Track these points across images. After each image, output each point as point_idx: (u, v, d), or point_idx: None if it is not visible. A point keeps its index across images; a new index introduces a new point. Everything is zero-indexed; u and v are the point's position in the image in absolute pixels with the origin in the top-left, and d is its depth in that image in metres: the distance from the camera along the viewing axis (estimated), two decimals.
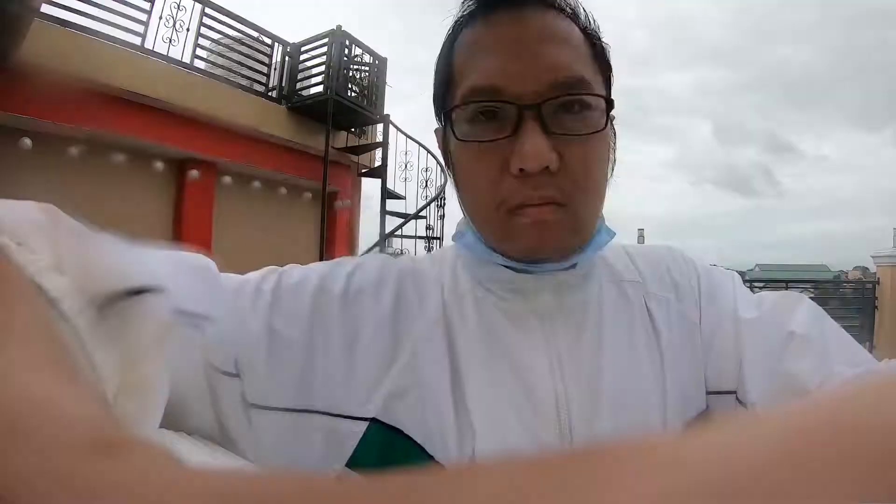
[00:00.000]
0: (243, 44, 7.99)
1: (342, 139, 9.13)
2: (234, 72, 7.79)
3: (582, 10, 0.60)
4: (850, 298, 13.85)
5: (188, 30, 6.96)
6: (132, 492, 0.16)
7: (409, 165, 8.44)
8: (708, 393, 0.60)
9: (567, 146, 0.53)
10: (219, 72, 7.60)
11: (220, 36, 7.64)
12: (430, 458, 0.53)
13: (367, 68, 8.41)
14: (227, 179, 7.88)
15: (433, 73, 0.63)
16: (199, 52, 7.22)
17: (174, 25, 6.75)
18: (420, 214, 7.95)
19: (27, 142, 5.71)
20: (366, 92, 8.35)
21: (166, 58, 6.75)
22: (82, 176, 6.49)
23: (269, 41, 8.28)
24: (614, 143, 0.61)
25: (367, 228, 11.54)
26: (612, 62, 0.62)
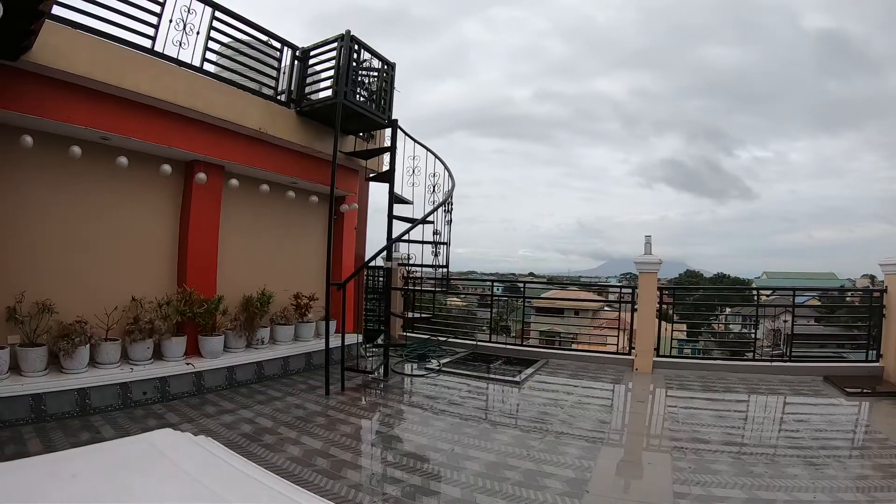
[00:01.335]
0: (253, 47, 8.02)
1: (350, 143, 9.17)
2: (244, 75, 7.82)
3: None
4: (858, 306, 13.81)
5: (198, 33, 6.97)
6: None
7: (416, 170, 8.44)
8: None
9: None
10: (228, 75, 7.63)
11: (229, 39, 7.67)
12: None
13: (375, 73, 8.42)
14: (235, 182, 7.91)
15: None
16: (209, 55, 7.25)
17: (184, 28, 6.78)
18: (427, 219, 7.94)
19: (28, 139, 5.73)
20: (374, 97, 8.36)
21: (176, 60, 6.77)
22: (90, 177, 6.53)
23: (278, 45, 8.31)
24: None
25: (375, 233, 11.61)
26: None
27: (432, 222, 8.05)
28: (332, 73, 8.11)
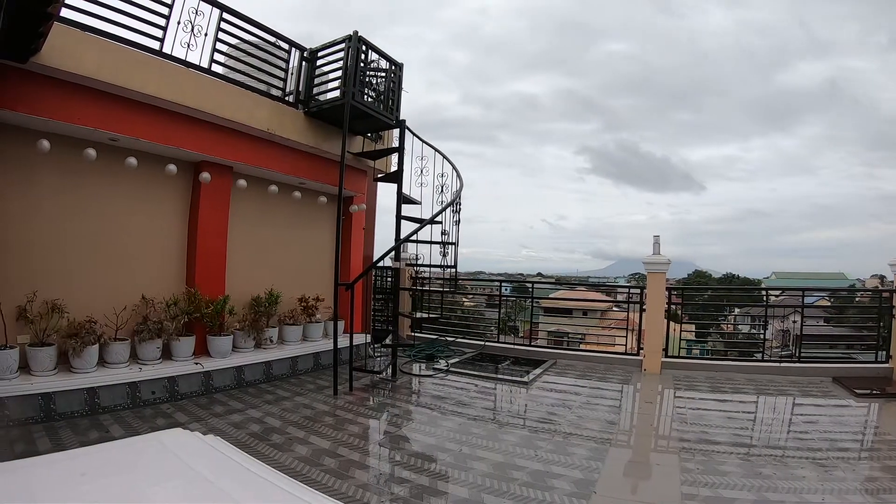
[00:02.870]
0: (260, 49, 8.04)
1: (358, 144, 9.18)
2: (252, 76, 7.84)
3: None
4: (867, 307, 13.73)
5: (206, 35, 7.01)
6: None
7: (424, 170, 8.44)
8: None
9: None
10: (236, 76, 7.65)
11: (237, 41, 7.69)
12: None
13: (383, 74, 8.43)
14: (243, 182, 7.94)
15: None
16: (217, 56, 7.27)
17: (192, 30, 6.81)
18: (436, 220, 7.94)
19: (45, 144, 5.79)
20: (382, 97, 8.37)
21: (184, 62, 6.80)
22: (99, 177, 6.56)
23: (286, 46, 8.33)
24: None
25: (383, 233, 11.65)
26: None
27: (440, 222, 8.05)
28: (339, 73, 8.13)
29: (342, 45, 8.01)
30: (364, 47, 7.95)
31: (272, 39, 8.14)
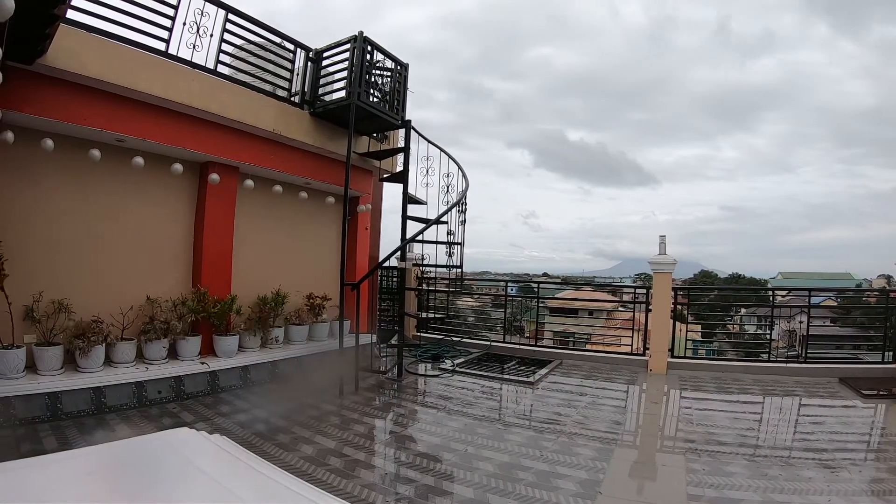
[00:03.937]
0: (266, 49, 8.05)
1: (364, 144, 9.19)
2: (257, 77, 7.85)
3: None
4: (874, 307, 13.68)
5: (212, 35, 7.03)
6: None
7: (430, 171, 8.44)
8: None
9: None
10: (242, 77, 7.66)
11: (242, 42, 7.70)
12: None
13: (388, 74, 8.42)
14: (250, 183, 7.95)
15: None
16: (223, 57, 7.29)
17: (198, 31, 6.82)
18: (441, 220, 7.94)
19: (49, 143, 5.81)
20: (388, 97, 8.37)
21: (190, 63, 6.82)
22: (105, 178, 6.59)
23: (291, 47, 8.35)
24: None
25: (389, 233, 11.70)
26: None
27: (446, 222, 8.06)
28: (345, 74, 8.14)
29: (348, 46, 8.02)
30: (369, 47, 7.95)
31: (277, 40, 8.16)
